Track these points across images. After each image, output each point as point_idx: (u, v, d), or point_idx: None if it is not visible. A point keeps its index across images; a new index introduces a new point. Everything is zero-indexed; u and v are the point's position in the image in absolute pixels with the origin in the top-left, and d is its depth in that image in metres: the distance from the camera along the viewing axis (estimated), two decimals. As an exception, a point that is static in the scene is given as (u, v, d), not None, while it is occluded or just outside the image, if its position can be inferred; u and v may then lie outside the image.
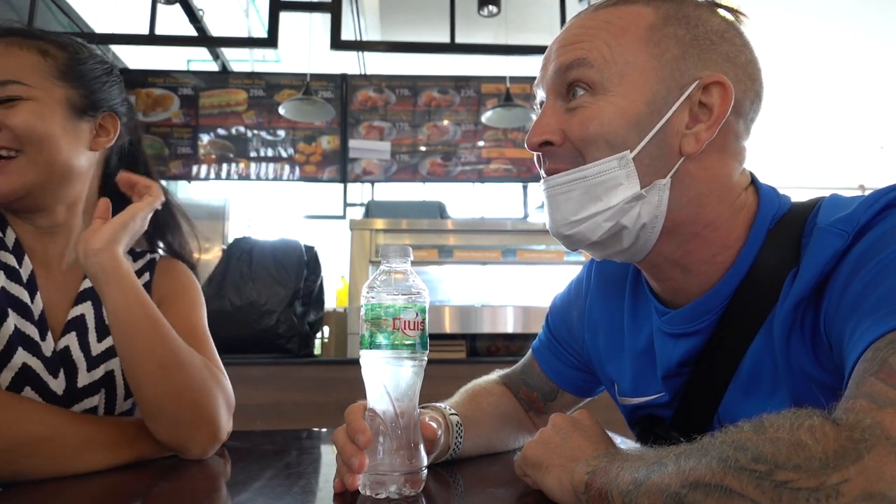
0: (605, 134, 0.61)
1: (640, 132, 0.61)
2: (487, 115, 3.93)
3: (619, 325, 0.78)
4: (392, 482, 0.60)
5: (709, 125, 0.61)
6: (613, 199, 0.61)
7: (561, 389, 0.89)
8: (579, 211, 0.64)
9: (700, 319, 0.65)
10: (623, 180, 0.61)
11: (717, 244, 0.64)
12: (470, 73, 4.83)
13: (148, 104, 4.62)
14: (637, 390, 0.75)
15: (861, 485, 0.38)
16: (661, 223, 0.63)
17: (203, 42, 4.15)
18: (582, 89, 0.63)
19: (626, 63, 0.62)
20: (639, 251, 0.65)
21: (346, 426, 0.64)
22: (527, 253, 2.93)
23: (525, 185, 5.30)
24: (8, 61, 0.80)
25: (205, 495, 0.72)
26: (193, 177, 4.72)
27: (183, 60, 5.19)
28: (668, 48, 0.62)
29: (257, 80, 4.73)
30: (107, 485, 0.71)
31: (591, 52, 0.62)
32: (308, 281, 2.43)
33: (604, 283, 0.82)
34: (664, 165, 0.62)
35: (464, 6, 3.51)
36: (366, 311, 0.63)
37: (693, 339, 0.66)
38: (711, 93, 0.61)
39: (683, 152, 0.61)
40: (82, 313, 0.85)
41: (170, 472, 0.78)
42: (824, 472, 0.39)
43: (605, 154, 0.62)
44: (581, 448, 0.61)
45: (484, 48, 3.71)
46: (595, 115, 0.62)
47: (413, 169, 4.76)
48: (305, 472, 0.79)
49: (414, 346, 0.62)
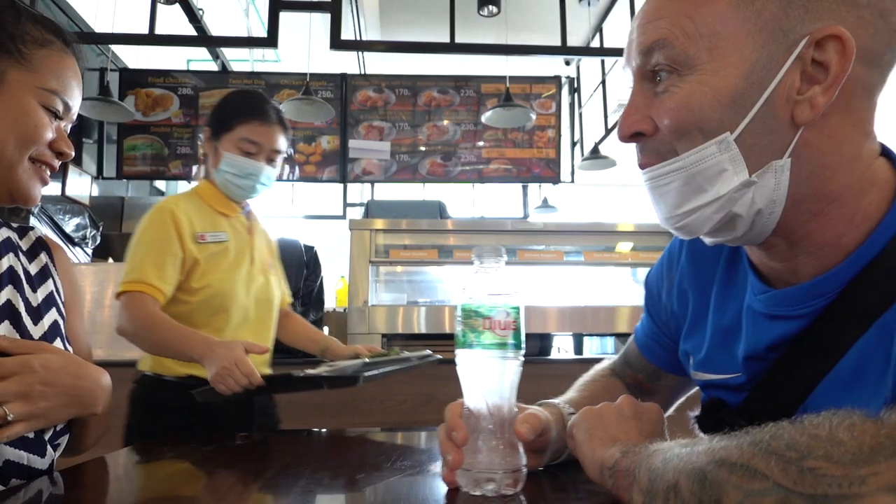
0: (696, 121, 0.54)
1: (739, 110, 0.53)
2: (487, 115, 3.92)
3: (706, 298, 0.72)
4: (490, 480, 0.60)
5: (825, 87, 0.52)
6: (720, 188, 0.54)
7: (662, 370, 0.87)
8: (682, 204, 0.57)
9: (807, 303, 0.58)
10: (727, 165, 0.54)
11: (842, 223, 0.55)
12: (470, 73, 4.83)
13: (148, 104, 4.62)
14: (711, 366, 0.70)
15: (889, 478, 0.36)
16: (780, 207, 0.55)
17: (203, 42, 4.15)
18: (666, 71, 0.56)
19: (713, 34, 0.53)
20: (757, 236, 0.58)
21: (445, 423, 0.65)
22: (527, 253, 2.93)
23: (525, 186, 5.31)
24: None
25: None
26: (193, 177, 4.72)
27: (183, 60, 5.19)
28: (765, 6, 0.52)
29: (257, 80, 4.72)
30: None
31: (671, 29, 0.55)
32: (308, 281, 2.43)
33: (697, 252, 0.74)
34: (776, 141, 0.53)
35: (464, 6, 3.51)
36: (459, 310, 0.63)
37: (792, 323, 0.59)
38: (826, 48, 0.51)
39: (798, 122, 0.53)
40: (8, 299, 0.80)
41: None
42: (854, 464, 0.38)
43: (700, 142, 0.54)
44: (629, 434, 0.60)
45: (484, 48, 3.71)
46: (683, 101, 0.54)
47: (413, 169, 4.76)
48: (304, 473, 0.80)
49: (506, 345, 0.62)
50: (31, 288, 0.84)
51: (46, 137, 0.77)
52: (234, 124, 1.45)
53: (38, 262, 0.88)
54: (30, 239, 0.89)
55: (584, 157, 4.83)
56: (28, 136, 0.75)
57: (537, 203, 5.69)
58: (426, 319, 2.64)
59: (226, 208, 1.50)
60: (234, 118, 1.46)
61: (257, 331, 1.49)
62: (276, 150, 1.47)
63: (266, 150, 1.46)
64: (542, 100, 4.87)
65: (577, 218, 6.81)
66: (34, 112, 0.75)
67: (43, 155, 0.78)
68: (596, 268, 2.96)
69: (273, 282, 1.55)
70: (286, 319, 1.66)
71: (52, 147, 0.79)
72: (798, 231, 0.57)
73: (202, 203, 1.48)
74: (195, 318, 1.38)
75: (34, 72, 0.76)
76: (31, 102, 0.75)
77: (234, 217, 1.51)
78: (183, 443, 1.01)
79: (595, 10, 4.70)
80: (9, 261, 0.82)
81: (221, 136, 1.46)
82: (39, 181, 0.79)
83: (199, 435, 1.03)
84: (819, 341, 0.57)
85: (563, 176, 4.99)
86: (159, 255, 1.34)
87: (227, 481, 0.78)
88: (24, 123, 0.75)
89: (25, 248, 0.87)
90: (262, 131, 1.44)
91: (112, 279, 2.57)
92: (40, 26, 0.77)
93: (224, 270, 1.42)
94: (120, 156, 4.58)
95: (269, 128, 1.45)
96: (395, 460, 0.79)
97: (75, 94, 0.82)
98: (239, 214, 1.53)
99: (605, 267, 2.96)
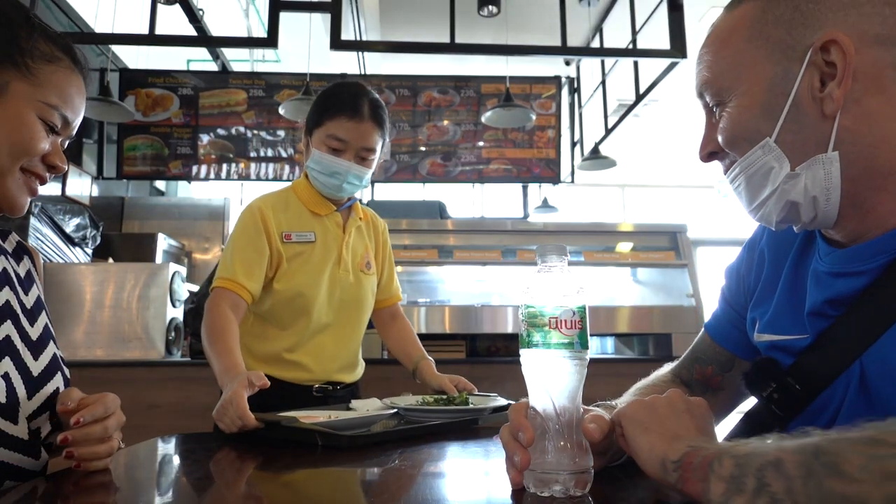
0: (740, 134, 0.66)
1: (771, 117, 0.64)
2: (487, 115, 3.92)
3: (779, 271, 0.78)
4: (557, 481, 0.59)
5: (838, 81, 0.61)
6: (773, 182, 0.65)
7: (738, 357, 0.87)
8: (753, 198, 0.68)
9: (869, 260, 0.64)
10: (774, 163, 0.65)
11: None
12: (470, 73, 4.83)
13: (148, 104, 4.62)
14: (776, 327, 0.74)
15: None
16: (837, 193, 0.63)
17: (203, 42, 4.15)
18: (716, 105, 0.69)
19: (736, 66, 0.66)
20: (825, 220, 0.66)
21: (509, 423, 0.65)
22: (527, 253, 2.93)
23: (525, 186, 5.31)
24: None
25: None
26: (193, 177, 4.72)
27: (183, 60, 5.19)
28: (772, 32, 0.64)
29: (257, 80, 4.73)
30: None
31: (711, 69, 0.69)
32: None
33: (778, 234, 0.82)
34: (815, 134, 0.62)
35: (464, 6, 3.51)
36: (522, 310, 0.63)
37: (855, 280, 0.65)
38: (830, 51, 0.61)
39: (828, 114, 0.62)
40: (7, 300, 0.80)
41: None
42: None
43: (748, 149, 0.66)
44: (687, 429, 0.60)
45: (484, 48, 3.71)
46: (727, 122, 0.68)
47: (413, 169, 4.76)
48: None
49: (571, 344, 0.62)
50: (23, 290, 0.85)
51: (40, 150, 0.77)
52: (324, 119, 1.37)
53: (23, 266, 0.89)
54: (11, 242, 0.90)
55: (584, 158, 4.83)
56: (22, 146, 0.76)
57: (537, 203, 5.70)
58: (426, 319, 2.64)
59: (318, 207, 1.42)
60: (324, 113, 1.38)
61: (341, 335, 1.42)
62: (367, 147, 1.36)
63: (354, 148, 1.35)
64: (542, 100, 4.87)
65: (577, 218, 6.82)
66: (31, 124, 0.76)
67: (35, 167, 0.79)
68: (596, 268, 2.96)
69: (366, 282, 1.46)
70: (392, 323, 1.57)
71: (45, 160, 0.79)
72: (863, 207, 0.63)
73: (295, 200, 1.42)
74: (279, 320, 1.35)
75: (38, 86, 0.76)
76: (29, 114, 0.76)
77: (328, 216, 1.43)
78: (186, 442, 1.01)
79: (595, 10, 4.70)
80: (2, 263, 0.83)
81: (313, 131, 1.40)
82: (28, 192, 0.80)
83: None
84: (879, 299, 0.62)
85: (563, 176, 5.00)
86: (247, 253, 1.32)
87: (239, 474, 0.79)
88: (20, 134, 0.75)
89: (10, 251, 0.88)
90: (349, 127, 1.34)
91: (112, 279, 2.58)
92: (52, 43, 0.79)
93: (307, 273, 1.36)
94: (120, 156, 4.59)
95: (358, 123, 1.34)
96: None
97: (77, 110, 0.82)
98: (334, 213, 1.44)
99: (605, 267, 2.96)
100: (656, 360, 3.22)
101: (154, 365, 2.42)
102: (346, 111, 1.34)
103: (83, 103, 0.83)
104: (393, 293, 1.58)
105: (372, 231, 1.53)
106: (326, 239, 1.41)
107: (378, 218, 1.57)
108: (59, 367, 0.84)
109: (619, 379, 0.95)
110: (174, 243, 4.33)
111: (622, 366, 2.79)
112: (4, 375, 0.75)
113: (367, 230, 1.52)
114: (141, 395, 2.29)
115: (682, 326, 2.76)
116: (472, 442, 0.97)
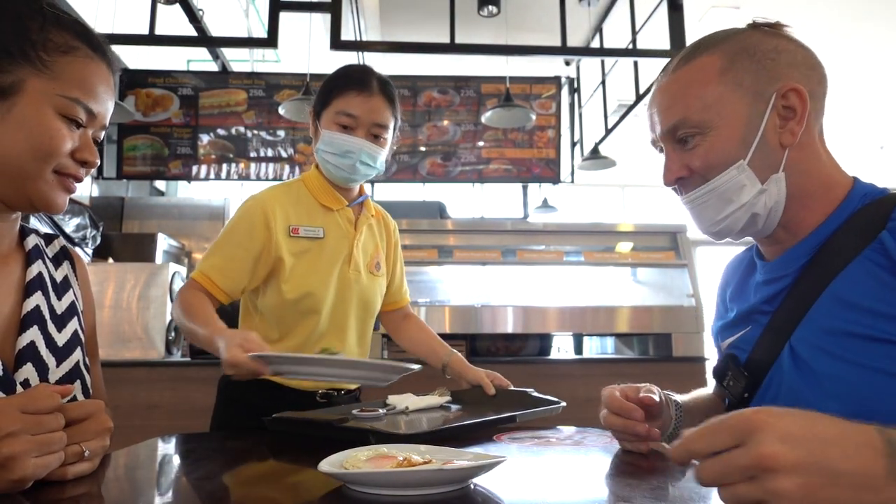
0: (722, 158, 0.80)
1: (746, 145, 0.79)
2: (487, 116, 3.92)
3: (729, 292, 0.97)
4: None
5: (797, 120, 0.78)
6: (743, 197, 0.79)
7: None
8: (719, 213, 0.82)
9: (791, 264, 0.81)
10: (746, 182, 0.79)
11: (817, 210, 0.80)
12: (470, 73, 4.83)
13: (148, 104, 4.62)
14: (732, 331, 0.90)
15: None
16: (782, 205, 0.80)
17: (203, 42, 4.15)
18: (691, 135, 0.81)
19: (718, 103, 0.80)
20: (769, 227, 0.82)
21: (612, 407, 0.85)
22: (527, 253, 2.93)
23: (525, 186, 5.31)
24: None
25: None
26: (193, 177, 4.72)
27: (183, 60, 5.19)
28: (742, 80, 0.79)
29: (257, 81, 4.73)
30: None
31: (687, 108, 0.81)
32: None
33: (728, 270, 1.01)
34: (774, 160, 0.79)
35: (464, 6, 3.51)
36: None
37: (782, 282, 0.82)
38: (789, 97, 0.78)
39: (784, 145, 0.79)
40: (37, 304, 0.80)
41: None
42: None
43: (725, 170, 0.80)
44: (839, 425, 0.50)
45: (484, 48, 3.71)
46: (710, 149, 0.80)
47: (413, 169, 4.76)
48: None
49: None
50: (56, 295, 0.85)
51: (64, 149, 0.74)
52: (332, 97, 1.31)
53: (61, 271, 0.88)
54: (55, 247, 0.90)
55: (584, 158, 4.83)
56: (43, 148, 0.73)
57: (537, 203, 5.70)
58: (426, 319, 2.64)
59: (330, 200, 1.35)
60: (332, 91, 1.32)
61: (348, 339, 1.36)
62: (379, 123, 1.30)
63: (366, 124, 1.29)
64: (542, 100, 4.87)
65: (577, 218, 6.81)
66: (50, 123, 0.73)
67: (66, 167, 0.75)
68: (596, 268, 2.96)
69: (374, 284, 1.40)
70: (404, 322, 1.53)
71: (74, 156, 0.76)
72: (793, 219, 0.81)
73: (305, 193, 1.35)
74: (287, 319, 1.30)
75: (54, 79, 0.73)
76: (47, 113, 0.73)
77: (339, 211, 1.36)
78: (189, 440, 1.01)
79: (595, 10, 4.70)
80: (38, 267, 0.83)
81: (321, 113, 1.33)
82: (64, 191, 0.77)
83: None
84: (798, 292, 0.79)
85: (562, 176, 4.99)
86: (229, 249, 1.26)
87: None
88: (39, 135, 0.72)
89: (51, 256, 0.88)
90: (358, 101, 1.28)
91: (112, 279, 2.58)
92: (67, 31, 0.75)
93: (315, 271, 1.30)
94: (120, 156, 4.58)
95: (368, 97, 1.28)
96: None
97: (102, 99, 0.78)
98: (345, 207, 1.37)
99: (604, 267, 2.96)
100: (656, 360, 3.23)
101: (154, 365, 2.42)
102: (354, 86, 1.29)
103: (109, 90, 0.80)
104: (403, 295, 1.54)
105: (383, 230, 1.48)
106: (337, 236, 1.34)
107: (389, 217, 1.51)
108: (79, 375, 0.83)
109: (619, 379, 0.95)
110: (174, 243, 4.32)
111: (622, 366, 2.79)
112: (24, 382, 0.75)
113: (378, 229, 1.45)
114: (140, 395, 2.28)
115: (681, 326, 2.76)
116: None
